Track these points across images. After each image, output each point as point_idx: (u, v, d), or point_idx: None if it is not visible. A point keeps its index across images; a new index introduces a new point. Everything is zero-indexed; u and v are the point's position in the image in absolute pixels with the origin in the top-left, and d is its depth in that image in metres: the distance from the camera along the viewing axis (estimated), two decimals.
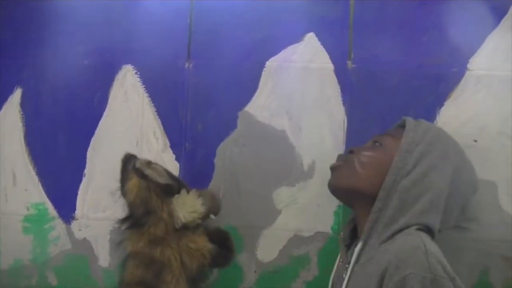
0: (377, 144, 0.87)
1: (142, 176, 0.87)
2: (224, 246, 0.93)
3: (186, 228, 0.89)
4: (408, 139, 0.83)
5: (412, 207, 0.79)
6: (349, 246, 0.89)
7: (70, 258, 1.09)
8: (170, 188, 0.88)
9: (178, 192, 0.90)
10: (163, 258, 0.86)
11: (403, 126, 0.88)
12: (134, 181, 0.87)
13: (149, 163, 0.90)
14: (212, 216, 0.96)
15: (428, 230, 0.79)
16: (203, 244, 0.89)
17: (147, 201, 0.86)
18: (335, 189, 0.89)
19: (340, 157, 0.92)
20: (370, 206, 0.81)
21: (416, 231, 0.77)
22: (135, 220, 0.88)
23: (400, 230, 0.78)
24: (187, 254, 0.87)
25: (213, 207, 0.95)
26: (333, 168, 0.90)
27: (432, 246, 0.75)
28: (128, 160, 0.93)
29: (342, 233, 0.94)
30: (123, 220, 0.90)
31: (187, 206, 0.89)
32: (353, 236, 0.91)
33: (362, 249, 0.81)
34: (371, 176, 0.83)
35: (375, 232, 0.80)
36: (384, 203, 0.80)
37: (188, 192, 0.92)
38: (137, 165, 0.88)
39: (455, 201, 0.84)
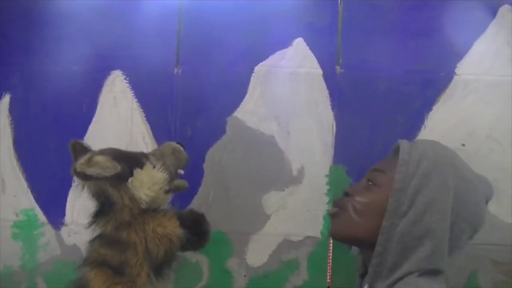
0: (370, 183, 0.82)
1: (86, 178, 0.81)
2: (196, 231, 0.88)
3: (155, 210, 0.86)
4: (401, 175, 0.76)
5: (414, 250, 0.74)
6: (363, 275, 0.85)
7: (60, 264, 1.08)
8: (119, 176, 0.82)
9: (131, 173, 0.84)
10: (129, 241, 0.83)
11: (398, 151, 0.82)
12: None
13: (89, 160, 0.81)
14: (180, 171, 0.91)
15: (433, 271, 0.75)
16: (172, 229, 0.84)
17: (105, 193, 0.83)
18: (336, 239, 0.87)
19: (336, 202, 0.87)
20: (373, 249, 0.77)
21: (416, 278, 0.73)
22: (101, 209, 0.85)
23: (401, 278, 0.74)
24: (152, 239, 0.83)
25: (179, 161, 0.91)
26: (331, 216, 0.86)
27: None
28: (75, 147, 0.88)
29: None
30: (95, 215, 0.87)
31: (145, 183, 0.84)
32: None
33: None
34: (369, 222, 0.78)
35: (379, 277, 0.76)
36: (384, 247, 0.75)
37: (142, 168, 0.85)
38: (78, 169, 0.81)
39: (463, 227, 0.77)
